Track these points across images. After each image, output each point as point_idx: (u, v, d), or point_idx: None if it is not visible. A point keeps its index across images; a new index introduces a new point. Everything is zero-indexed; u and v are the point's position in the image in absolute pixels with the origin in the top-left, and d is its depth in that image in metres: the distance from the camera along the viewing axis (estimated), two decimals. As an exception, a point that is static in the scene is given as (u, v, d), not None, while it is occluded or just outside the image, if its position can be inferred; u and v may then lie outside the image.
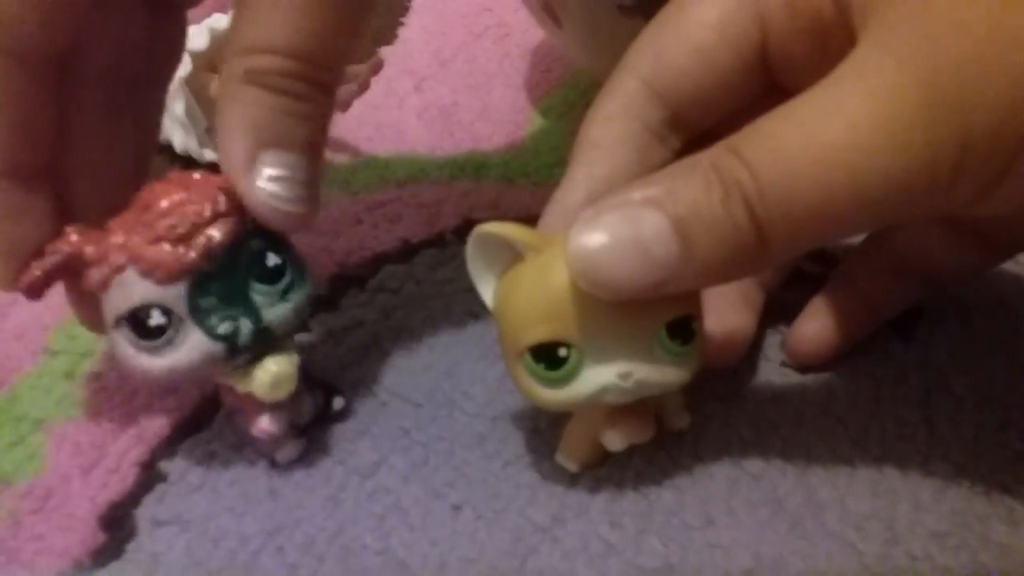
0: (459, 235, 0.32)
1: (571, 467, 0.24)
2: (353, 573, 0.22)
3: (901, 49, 0.17)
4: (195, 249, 0.21)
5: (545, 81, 0.41)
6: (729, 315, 0.26)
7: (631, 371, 0.20)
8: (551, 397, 0.21)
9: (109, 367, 0.28)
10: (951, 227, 0.25)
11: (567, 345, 0.20)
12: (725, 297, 0.26)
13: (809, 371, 0.26)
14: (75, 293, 0.24)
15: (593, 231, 0.19)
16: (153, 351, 0.21)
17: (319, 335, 0.28)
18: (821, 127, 0.17)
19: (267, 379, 0.22)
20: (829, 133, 0.17)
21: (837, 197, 0.17)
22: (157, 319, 0.21)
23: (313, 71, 0.21)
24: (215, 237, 0.21)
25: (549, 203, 0.23)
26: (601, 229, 0.19)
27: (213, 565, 0.23)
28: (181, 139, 0.35)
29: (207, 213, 0.21)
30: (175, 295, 0.21)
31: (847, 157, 0.17)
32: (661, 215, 0.18)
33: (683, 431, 0.24)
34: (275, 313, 0.22)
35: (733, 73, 0.21)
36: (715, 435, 0.25)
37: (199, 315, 0.21)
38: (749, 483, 0.24)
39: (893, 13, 0.17)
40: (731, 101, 0.22)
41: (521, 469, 0.24)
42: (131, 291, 0.21)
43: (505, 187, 0.34)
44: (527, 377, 0.21)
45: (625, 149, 0.22)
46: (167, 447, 0.26)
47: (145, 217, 0.21)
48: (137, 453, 0.26)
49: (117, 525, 0.24)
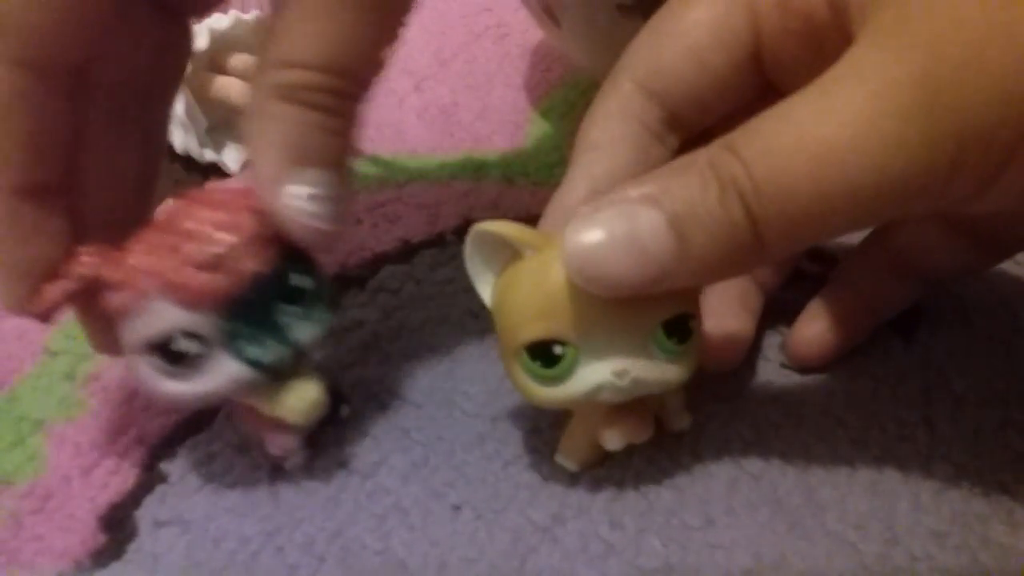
0: (459, 235, 0.32)
1: (571, 467, 0.24)
2: (353, 573, 0.22)
3: (898, 47, 0.17)
4: (230, 275, 0.20)
5: (545, 81, 0.41)
6: (727, 319, 0.26)
7: (627, 369, 0.20)
8: (547, 395, 0.21)
9: (109, 368, 0.28)
10: (949, 227, 0.25)
11: (563, 343, 0.20)
12: (723, 300, 0.26)
13: (809, 372, 0.26)
14: (86, 313, 0.23)
15: (589, 228, 0.19)
16: (180, 376, 0.21)
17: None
18: (816, 125, 0.17)
19: (301, 406, 0.22)
20: (824, 131, 0.17)
21: (832, 194, 0.17)
22: (185, 345, 0.20)
23: (346, 85, 0.20)
24: (249, 264, 0.20)
25: (549, 203, 0.23)
26: (597, 226, 0.19)
27: (213, 565, 0.23)
28: (181, 139, 0.35)
29: (240, 238, 0.20)
30: (205, 321, 0.20)
31: (842, 155, 0.17)
32: (657, 212, 0.18)
33: (683, 431, 0.24)
34: (303, 334, 0.22)
35: (727, 75, 0.21)
36: (715, 435, 0.25)
37: (229, 340, 0.21)
38: (749, 483, 0.24)
39: (891, 12, 0.17)
40: (726, 102, 0.22)
41: (521, 469, 0.24)
42: (159, 317, 0.20)
43: (505, 187, 0.34)
44: (523, 375, 0.21)
45: (624, 149, 0.22)
46: (167, 448, 0.26)
47: (171, 239, 0.20)
48: (138, 454, 0.26)
49: (118, 526, 0.24)
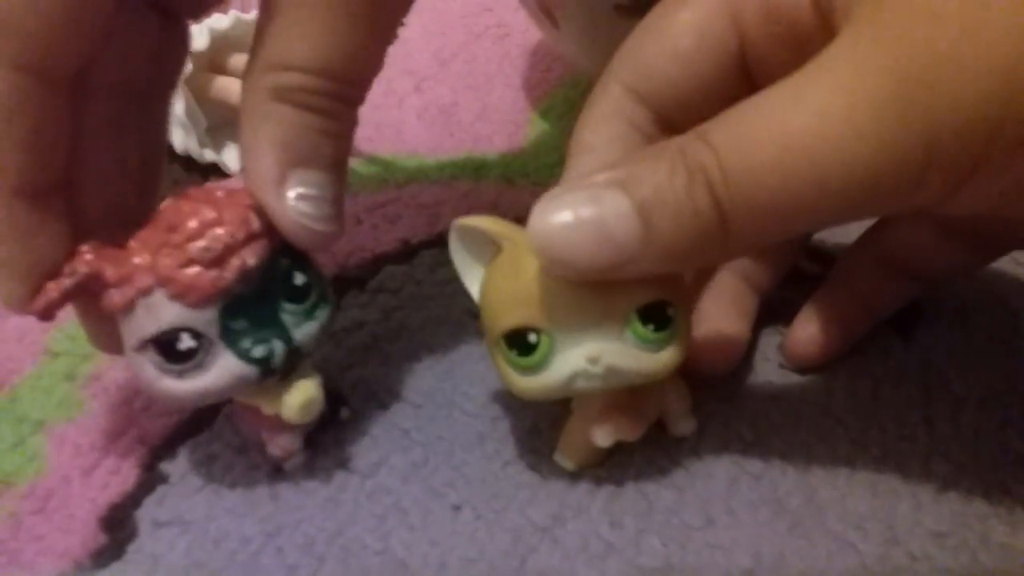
0: (459, 235, 0.32)
1: (568, 466, 0.24)
2: (353, 573, 0.22)
3: (873, 40, 0.17)
4: (230, 272, 0.20)
5: (545, 81, 0.41)
6: (722, 322, 0.26)
7: (599, 355, 0.20)
8: (526, 385, 0.21)
9: (110, 368, 0.28)
10: (943, 227, 0.25)
11: (537, 331, 0.20)
12: (718, 304, 0.26)
13: (807, 372, 0.26)
14: (87, 313, 0.23)
15: (555, 209, 0.18)
16: (180, 375, 0.21)
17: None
18: (788, 115, 0.17)
19: (297, 403, 0.22)
20: (795, 121, 0.17)
21: (799, 186, 0.17)
22: (187, 343, 0.20)
23: (341, 88, 0.21)
24: (250, 260, 0.20)
25: None
26: (564, 207, 0.18)
27: (214, 566, 0.23)
28: (181, 139, 0.35)
29: (240, 235, 0.20)
30: (206, 318, 0.20)
31: (812, 145, 0.17)
32: (624, 197, 0.18)
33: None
34: (303, 332, 0.22)
35: (713, 77, 0.21)
36: (715, 435, 0.25)
37: (231, 338, 0.21)
38: (749, 483, 0.24)
39: (870, 6, 0.17)
40: (714, 104, 0.22)
41: (521, 469, 0.24)
42: (159, 314, 0.20)
43: (505, 187, 0.34)
44: (504, 365, 0.21)
45: (616, 149, 0.22)
46: (168, 448, 0.26)
47: (173, 238, 0.20)
48: (138, 454, 0.26)
49: (118, 526, 0.24)
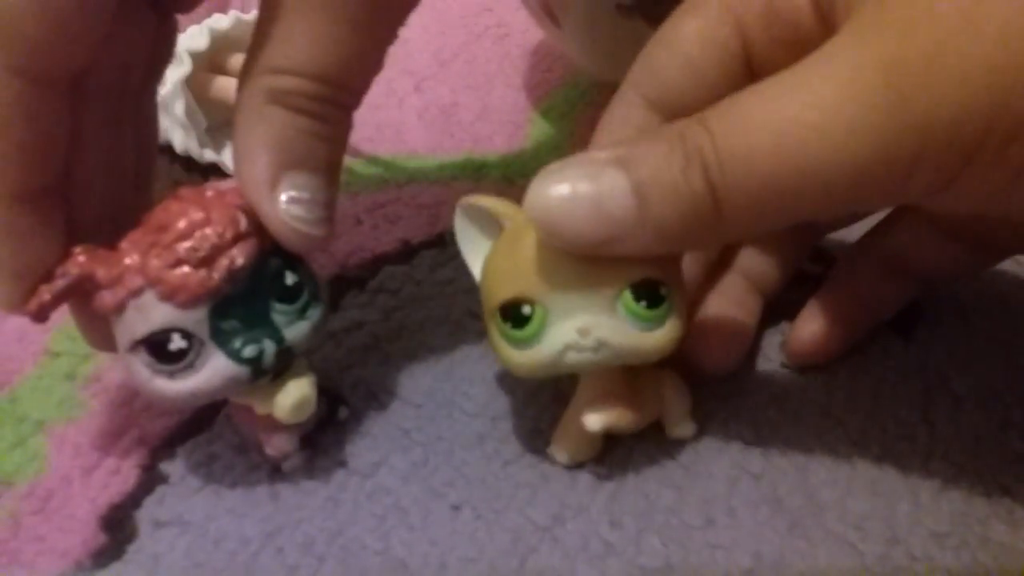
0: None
1: (561, 458, 0.24)
2: (353, 573, 0.22)
3: (870, 34, 0.17)
4: (218, 272, 0.20)
5: (545, 81, 0.41)
6: (726, 321, 0.26)
7: (590, 327, 0.20)
8: (520, 359, 0.21)
9: (110, 369, 0.28)
10: (944, 229, 0.25)
11: (531, 302, 0.21)
12: (721, 303, 0.26)
13: (810, 371, 0.26)
14: (81, 313, 0.23)
15: (554, 182, 0.19)
16: (171, 375, 0.21)
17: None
18: (783, 103, 0.17)
19: (289, 403, 0.22)
20: (790, 108, 0.17)
21: (791, 173, 0.17)
22: (177, 343, 0.20)
23: (337, 93, 0.21)
24: (238, 260, 0.20)
25: None
26: (563, 180, 0.19)
27: (213, 566, 0.23)
28: (181, 139, 0.35)
29: (229, 235, 0.20)
30: (196, 319, 0.20)
31: (804, 135, 0.17)
32: (622, 174, 0.18)
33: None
34: (295, 332, 0.22)
35: (720, 83, 0.21)
36: (715, 435, 0.25)
37: (221, 338, 0.21)
38: (749, 483, 0.24)
39: (873, 6, 0.18)
40: None
41: (521, 469, 0.24)
42: (150, 315, 0.20)
43: (505, 187, 0.34)
44: (499, 339, 0.21)
45: None
46: (168, 449, 0.26)
47: (163, 238, 0.20)
48: (138, 455, 0.26)
49: (118, 526, 0.24)
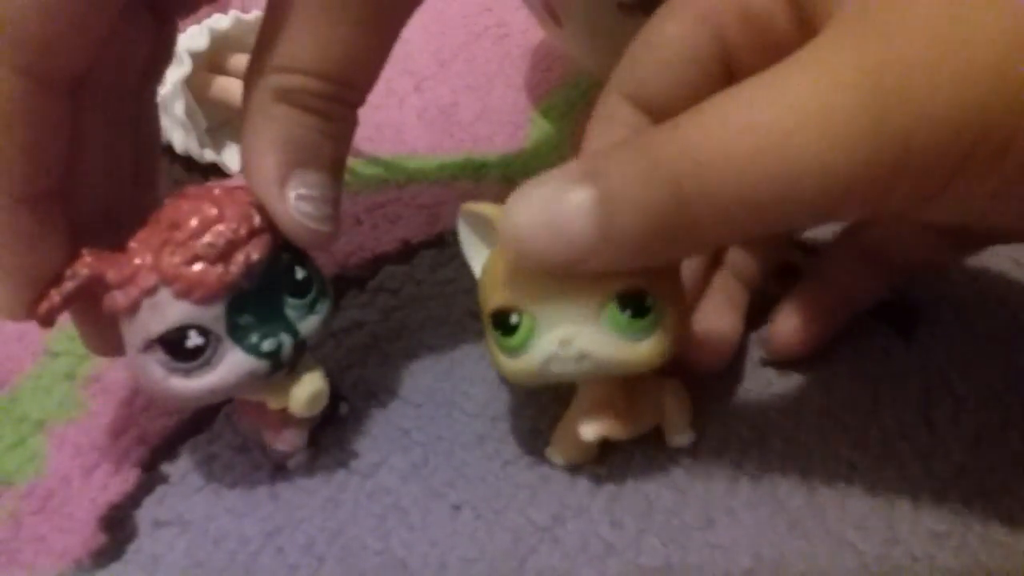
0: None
1: (557, 461, 0.24)
2: (353, 573, 0.22)
3: (854, 39, 0.17)
4: (235, 267, 0.20)
5: (545, 81, 0.41)
6: (713, 318, 0.26)
7: (571, 338, 0.20)
8: (511, 367, 0.21)
9: (110, 368, 0.28)
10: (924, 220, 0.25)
11: (519, 312, 0.21)
12: (708, 300, 0.26)
13: (809, 371, 0.26)
14: (84, 318, 0.23)
15: (521, 205, 0.19)
16: (188, 373, 0.21)
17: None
18: (762, 109, 0.17)
19: (305, 396, 0.22)
20: (769, 115, 0.16)
21: (770, 183, 0.17)
22: (194, 340, 0.20)
23: (343, 92, 0.21)
24: (254, 255, 0.20)
25: None
26: (529, 203, 0.18)
27: (213, 566, 0.23)
28: (181, 139, 0.35)
29: (243, 231, 0.20)
30: (213, 315, 0.20)
31: (784, 141, 0.16)
32: (588, 190, 0.18)
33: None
34: (307, 326, 0.22)
35: (701, 84, 0.21)
36: (715, 435, 0.25)
37: (238, 334, 0.21)
38: (749, 483, 0.24)
39: (854, 11, 0.17)
40: None
41: (521, 469, 0.24)
42: (166, 313, 0.20)
43: (505, 187, 0.34)
44: (493, 346, 0.22)
45: None
46: (168, 448, 0.26)
47: (176, 235, 0.20)
48: (138, 454, 0.26)
49: (118, 526, 0.24)
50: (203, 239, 0.20)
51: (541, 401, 0.26)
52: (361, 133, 0.22)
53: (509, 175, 0.35)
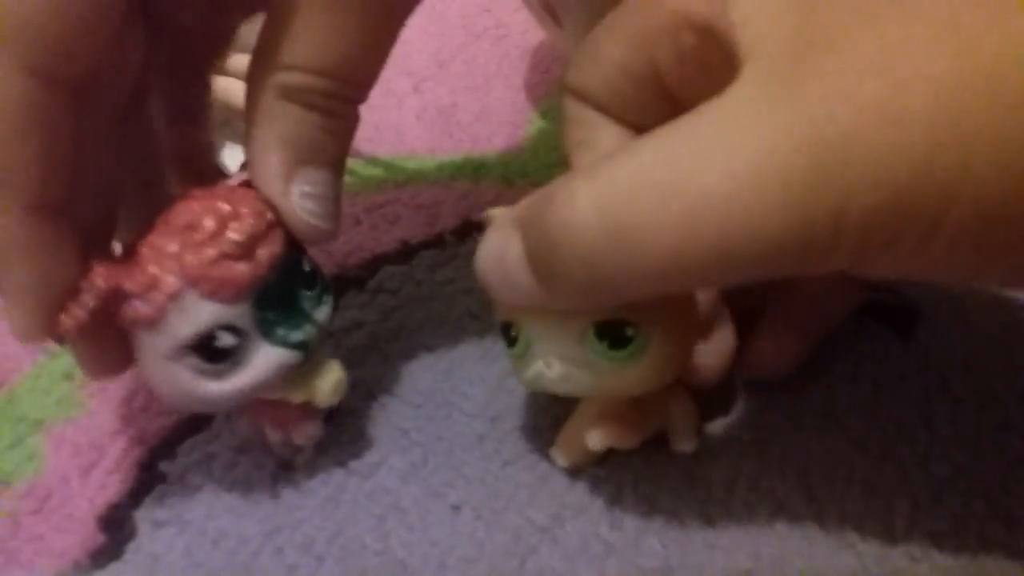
0: (458, 236, 0.32)
1: (561, 462, 0.24)
2: (353, 573, 0.22)
3: (787, 100, 0.16)
4: (263, 261, 0.20)
5: (545, 82, 0.41)
6: (709, 340, 0.25)
7: (553, 359, 0.20)
8: (519, 374, 0.22)
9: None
10: None
11: (516, 326, 0.21)
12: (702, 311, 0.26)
13: (809, 371, 0.26)
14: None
15: (483, 247, 0.20)
16: (218, 375, 0.20)
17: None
18: (694, 170, 0.16)
19: (329, 385, 0.22)
20: (703, 180, 0.16)
21: (703, 249, 0.16)
22: (225, 340, 0.20)
23: (345, 89, 0.21)
24: (276, 248, 0.21)
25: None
26: (486, 246, 0.20)
27: (213, 566, 0.23)
28: (180, 140, 0.35)
29: (261, 225, 0.20)
30: (242, 312, 0.20)
31: (718, 209, 0.16)
32: (517, 236, 0.19)
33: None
34: (321, 315, 0.22)
35: (645, 102, 0.20)
36: (715, 436, 0.25)
37: (266, 328, 0.21)
38: (748, 484, 0.24)
39: (783, 52, 0.16)
40: (655, 121, 0.20)
41: (521, 469, 0.24)
42: (195, 315, 0.20)
43: (504, 188, 0.34)
44: (507, 351, 0.22)
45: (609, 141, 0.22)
46: (167, 448, 0.26)
47: (194, 236, 0.20)
48: (136, 454, 0.26)
49: (116, 526, 0.24)
50: (227, 236, 0.20)
51: (541, 400, 0.26)
52: (360, 134, 0.22)
53: (508, 176, 0.35)
